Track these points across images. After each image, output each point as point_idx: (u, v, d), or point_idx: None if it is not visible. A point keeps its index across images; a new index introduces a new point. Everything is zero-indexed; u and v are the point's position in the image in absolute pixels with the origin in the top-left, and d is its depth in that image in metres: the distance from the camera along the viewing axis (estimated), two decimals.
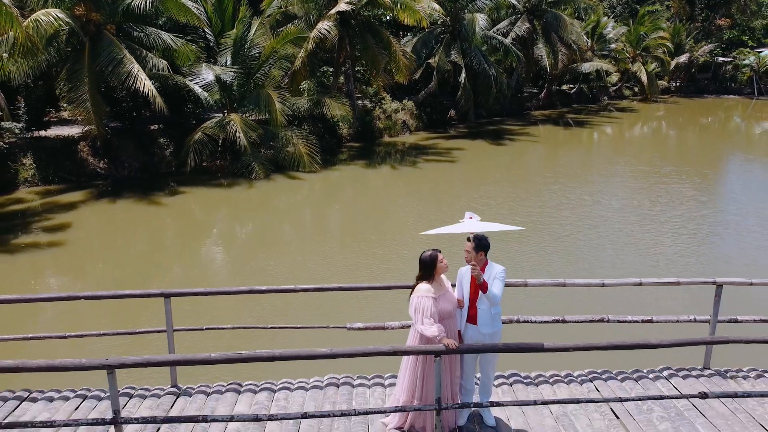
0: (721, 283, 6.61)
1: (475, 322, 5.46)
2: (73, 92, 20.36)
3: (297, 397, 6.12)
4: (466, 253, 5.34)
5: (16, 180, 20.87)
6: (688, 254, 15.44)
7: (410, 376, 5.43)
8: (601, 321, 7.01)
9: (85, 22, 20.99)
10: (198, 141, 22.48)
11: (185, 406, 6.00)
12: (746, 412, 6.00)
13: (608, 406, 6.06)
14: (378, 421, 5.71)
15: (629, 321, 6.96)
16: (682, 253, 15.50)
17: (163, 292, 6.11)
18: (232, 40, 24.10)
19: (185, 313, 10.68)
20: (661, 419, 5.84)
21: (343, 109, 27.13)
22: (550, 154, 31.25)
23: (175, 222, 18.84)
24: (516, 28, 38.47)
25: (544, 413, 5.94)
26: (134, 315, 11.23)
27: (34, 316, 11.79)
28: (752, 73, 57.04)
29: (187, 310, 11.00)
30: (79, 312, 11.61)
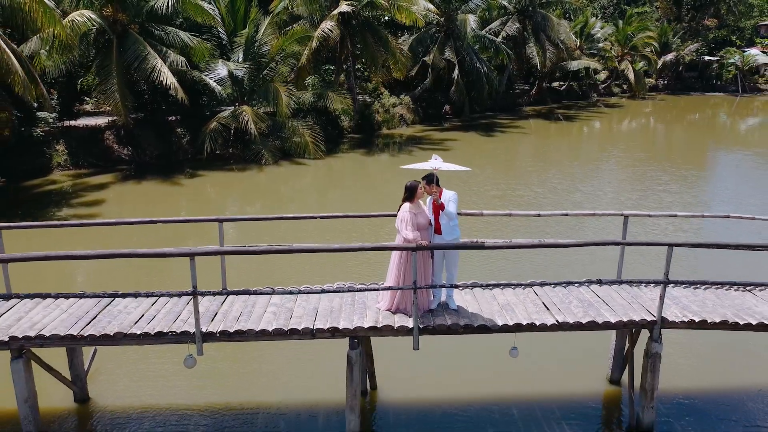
0: (627, 215, 8.93)
1: (439, 233, 7.79)
2: (103, 85, 22.68)
3: (315, 295, 8.44)
4: (425, 188, 7.68)
5: (50, 164, 23.22)
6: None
7: (395, 270, 7.75)
8: (538, 246, 9.32)
9: (113, 21, 23.34)
10: (213, 130, 24.82)
11: (235, 298, 8.33)
12: (639, 302, 8.30)
13: (540, 300, 8.38)
14: (374, 306, 8.03)
15: (562, 245, 9.25)
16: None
17: (218, 218, 8.43)
18: (244, 38, 26.44)
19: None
20: (576, 307, 8.15)
21: (344, 103, 29.51)
22: (537, 144, 33.60)
23: (194, 199, 21.13)
24: (507, 27, 40.83)
25: (493, 303, 8.26)
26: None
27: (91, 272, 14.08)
28: (737, 72, 59.37)
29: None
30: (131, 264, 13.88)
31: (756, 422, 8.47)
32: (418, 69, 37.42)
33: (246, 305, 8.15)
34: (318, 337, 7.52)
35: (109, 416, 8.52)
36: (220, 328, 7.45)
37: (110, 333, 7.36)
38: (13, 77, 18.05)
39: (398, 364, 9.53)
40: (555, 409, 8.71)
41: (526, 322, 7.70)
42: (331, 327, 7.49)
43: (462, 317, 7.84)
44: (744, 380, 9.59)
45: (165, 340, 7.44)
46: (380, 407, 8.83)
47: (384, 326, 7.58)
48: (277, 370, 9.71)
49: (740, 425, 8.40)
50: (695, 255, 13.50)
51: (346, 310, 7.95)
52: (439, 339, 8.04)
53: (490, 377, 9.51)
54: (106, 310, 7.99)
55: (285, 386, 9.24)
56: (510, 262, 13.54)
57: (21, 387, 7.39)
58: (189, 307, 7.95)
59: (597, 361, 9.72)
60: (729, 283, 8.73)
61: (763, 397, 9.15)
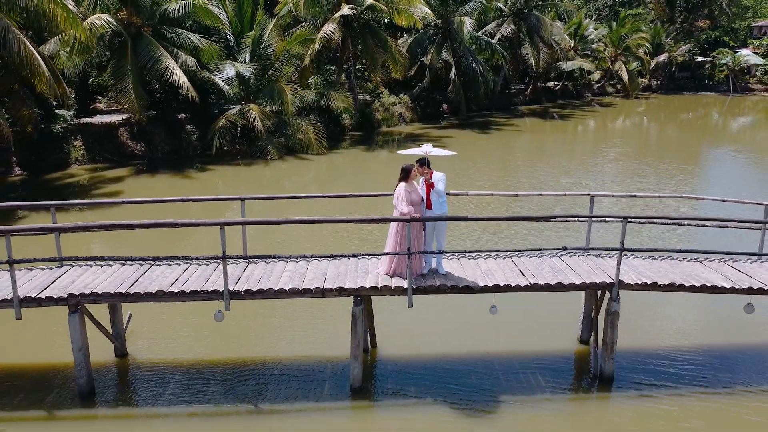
0: (593, 195, 10.32)
1: (430, 208, 9.18)
2: (119, 84, 24.07)
3: (324, 261, 9.84)
4: (418, 170, 9.07)
5: (69, 159, 24.61)
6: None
7: (393, 239, 9.14)
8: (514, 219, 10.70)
9: (127, 24, 24.71)
10: (222, 127, 26.20)
11: (255, 266, 9.71)
12: (601, 269, 9.67)
13: (517, 268, 9.76)
14: (374, 271, 9.41)
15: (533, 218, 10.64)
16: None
17: (240, 196, 9.81)
18: (250, 40, 27.82)
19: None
20: (547, 273, 9.53)
21: (345, 102, 30.91)
22: (530, 141, 35.00)
23: (205, 191, 22.46)
24: (502, 29, 42.24)
25: (476, 270, 9.63)
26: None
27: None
28: (728, 72, 60.77)
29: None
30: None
31: (697, 374, 9.87)
32: (416, 69, 38.82)
33: (265, 270, 9.54)
34: (327, 295, 8.90)
35: (145, 368, 9.91)
36: (244, 288, 8.83)
37: (152, 291, 8.75)
38: (39, 77, 19.46)
39: (395, 325, 10.94)
40: (531, 363, 10.11)
41: (503, 283, 9.09)
42: (338, 287, 8.87)
43: (449, 280, 9.22)
44: (692, 340, 11.02)
45: (198, 297, 8.82)
46: (380, 361, 10.22)
47: (383, 286, 8.97)
48: (292, 326, 11.19)
49: (687, 377, 9.79)
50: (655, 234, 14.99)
51: (350, 274, 9.33)
52: (430, 300, 9.43)
53: (475, 335, 10.93)
54: (146, 274, 9.37)
55: (298, 341, 10.67)
56: (491, 236, 15.15)
57: (76, 337, 8.77)
58: (218, 271, 9.34)
59: (569, 324, 11.11)
60: (677, 251, 10.06)
61: (706, 353, 10.56)
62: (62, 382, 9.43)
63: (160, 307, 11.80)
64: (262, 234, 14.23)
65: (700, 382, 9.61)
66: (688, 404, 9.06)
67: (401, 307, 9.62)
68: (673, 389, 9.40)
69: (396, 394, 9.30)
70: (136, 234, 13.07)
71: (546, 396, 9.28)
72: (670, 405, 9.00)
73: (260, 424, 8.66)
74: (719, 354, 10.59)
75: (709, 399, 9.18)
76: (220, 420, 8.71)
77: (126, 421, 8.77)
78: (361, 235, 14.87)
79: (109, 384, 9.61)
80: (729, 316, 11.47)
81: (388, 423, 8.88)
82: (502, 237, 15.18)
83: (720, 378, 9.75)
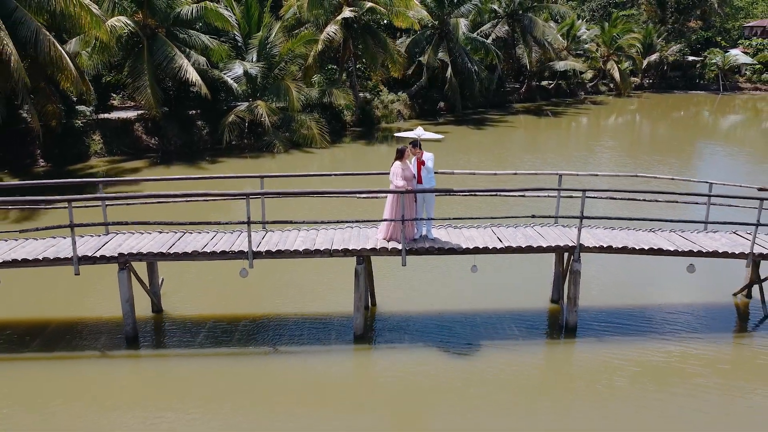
0: (561, 174, 12.05)
1: (420, 182, 10.91)
2: (136, 82, 25.79)
3: (331, 230, 11.57)
4: (411, 150, 10.80)
5: (88, 152, 26.33)
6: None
7: (389, 208, 10.86)
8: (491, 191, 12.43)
9: (143, 26, 26.44)
10: (231, 122, 27.93)
11: (273, 233, 11.44)
12: (567, 236, 11.39)
13: (495, 235, 11.48)
14: (374, 237, 11.14)
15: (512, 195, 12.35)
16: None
17: (260, 174, 11.54)
18: (258, 41, 29.56)
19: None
20: (520, 239, 11.25)
21: (347, 99, 32.67)
22: (522, 136, 36.75)
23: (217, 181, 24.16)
24: (496, 30, 44.01)
25: (460, 237, 11.36)
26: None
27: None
28: (718, 71, 62.51)
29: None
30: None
31: (649, 324, 11.62)
32: (414, 68, 40.56)
33: (281, 237, 11.28)
34: (334, 255, 10.63)
35: (178, 321, 11.64)
36: (265, 249, 10.57)
37: (188, 251, 10.48)
38: (66, 74, 21.19)
39: (391, 288, 12.68)
40: (508, 317, 11.85)
41: (482, 246, 10.82)
42: (344, 248, 10.61)
43: (437, 243, 10.96)
44: (646, 297, 12.80)
45: (226, 257, 10.55)
46: (378, 316, 11.96)
47: (381, 248, 10.71)
48: (304, 286, 13.02)
49: (640, 327, 11.53)
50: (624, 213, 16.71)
51: (354, 239, 11.07)
52: (421, 262, 11.14)
53: (459, 294, 12.68)
54: (181, 239, 11.10)
55: (309, 298, 12.46)
56: (474, 209, 16.91)
57: (124, 291, 10.50)
58: (242, 237, 11.07)
59: (542, 288, 12.83)
60: (628, 219, 11.77)
61: (657, 307, 12.31)
62: (111, 330, 11.16)
63: (189, 271, 13.59)
64: (278, 207, 15.90)
65: (652, 331, 11.36)
66: (639, 347, 10.77)
67: (397, 270, 11.38)
68: (628, 336, 11.14)
69: (392, 340, 11.04)
70: (169, 207, 14.69)
71: (519, 343, 10.99)
72: (623, 349, 10.71)
73: (277, 361, 10.39)
74: (667, 308, 12.34)
75: (659, 343, 10.90)
76: (243, 358, 10.43)
77: (165, 359, 10.50)
78: (362, 207, 16.56)
79: (149, 332, 11.35)
80: (676, 276, 13.17)
81: (384, 362, 10.60)
82: (482, 210, 16.81)
83: (668, 327, 11.50)
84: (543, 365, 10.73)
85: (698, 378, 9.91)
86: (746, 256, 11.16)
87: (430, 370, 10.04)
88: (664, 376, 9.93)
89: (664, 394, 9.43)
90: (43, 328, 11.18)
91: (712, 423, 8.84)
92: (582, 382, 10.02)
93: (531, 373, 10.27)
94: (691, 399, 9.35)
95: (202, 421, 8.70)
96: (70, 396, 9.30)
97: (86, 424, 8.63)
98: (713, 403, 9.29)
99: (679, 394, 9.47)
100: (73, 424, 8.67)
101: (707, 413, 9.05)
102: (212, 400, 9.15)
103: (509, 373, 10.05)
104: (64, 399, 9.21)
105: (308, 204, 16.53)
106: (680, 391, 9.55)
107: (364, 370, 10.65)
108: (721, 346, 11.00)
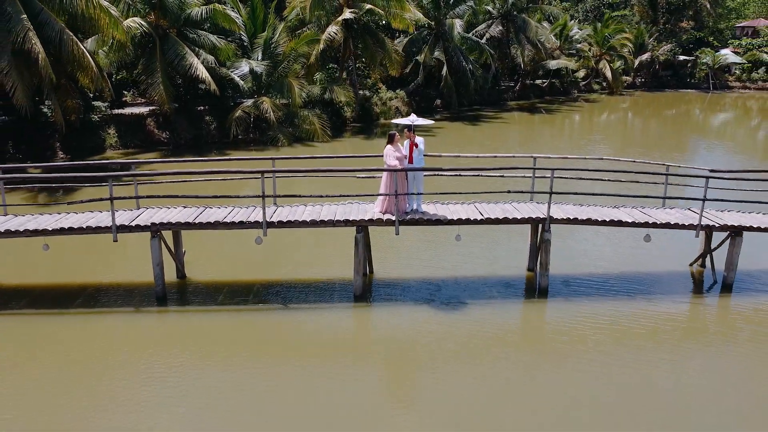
0: (536, 156, 13.74)
1: (411, 162, 12.60)
2: (150, 79, 27.49)
3: (334, 205, 13.27)
4: (406, 134, 12.48)
5: (104, 144, 28.02)
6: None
7: (384, 185, 12.55)
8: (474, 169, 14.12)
9: (155, 26, 28.12)
10: (238, 117, 29.62)
11: (283, 208, 13.13)
12: (540, 210, 13.07)
13: (477, 210, 13.16)
14: (371, 210, 12.83)
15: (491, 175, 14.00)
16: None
17: (273, 156, 13.21)
18: (263, 40, 31.26)
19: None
20: (499, 213, 12.94)
21: (347, 96, 34.38)
22: (515, 131, 38.43)
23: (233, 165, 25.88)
24: (491, 30, 45.71)
25: (446, 210, 13.04)
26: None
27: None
28: (708, 70, 64.24)
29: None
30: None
31: (616, 290, 13.30)
32: (411, 67, 42.27)
33: (291, 210, 12.98)
34: (337, 225, 12.32)
35: (200, 285, 13.32)
36: (277, 220, 12.26)
37: (211, 221, 12.17)
38: (87, 72, 22.88)
39: (386, 257, 14.35)
40: (489, 282, 13.53)
41: (465, 217, 12.51)
42: (345, 219, 12.30)
43: (426, 216, 12.65)
44: (609, 264, 14.49)
45: (244, 226, 12.23)
46: (376, 280, 13.63)
47: (377, 219, 12.40)
48: (310, 254, 14.79)
49: (608, 292, 13.22)
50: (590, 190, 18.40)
51: (354, 212, 12.76)
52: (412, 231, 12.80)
53: (447, 260, 14.37)
54: (204, 212, 12.79)
55: (315, 265, 14.19)
56: (458, 188, 17.92)
57: (156, 255, 12.19)
58: (257, 211, 12.74)
59: (520, 259, 14.51)
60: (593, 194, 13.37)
61: (619, 273, 14.00)
62: (142, 292, 12.84)
63: (208, 244, 15.29)
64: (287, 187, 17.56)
65: (617, 293, 13.03)
66: (605, 308, 12.40)
67: (391, 241, 13.06)
68: (595, 298, 12.82)
69: (387, 299, 12.72)
70: (192, 186, 16.19)
71: (497, 302, 12.67)
72: (590, 309, 12.36)
73: (287, 317, 12.05)
74: (630, 275, 14.02)
75: (623, 304, 12.55)
76: (258, 313, 12.12)
77: (191, 314, 12.19)
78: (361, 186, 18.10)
79: (176, 294, 13.03)
80: (641, 250, 14.86)
81: (381, 317, 12.27)
82: (466, 188, 17.94)
83: (630, 290, 13.19)
84: (517, 321, 12.41)
85: (656, 334, 11.55)
86: (695, 228, 12.84)
87: (419, 325, 11.69)
88: (624, 331, 11.55)
89: (622, 345, 11.06)
90: (84, 289, 12.88)
91: (669, 369, 10.44)
92: (550, 336, 11.70)
93: (506, 327, 11.93)
94: (642, 349, 10.98)
95: (224, 363, 10.29)
96: (112, 341, 10.98)
97: (125, 362, 10.30)
98: (668, 353, 10.89)
99: (634, 346, 11.05)
100: (114, 360, 10.33)
101: (663, 359, 10.66)
102: (231, 347, 10.79)
103: (487, 326, 11.68)
104: (108, 343, 10.89)
105: (313, 183, 18.21)
106: (636, 342, 11.18)
107: (362, 324, 12.32)
108: (677, 306, 12.64)
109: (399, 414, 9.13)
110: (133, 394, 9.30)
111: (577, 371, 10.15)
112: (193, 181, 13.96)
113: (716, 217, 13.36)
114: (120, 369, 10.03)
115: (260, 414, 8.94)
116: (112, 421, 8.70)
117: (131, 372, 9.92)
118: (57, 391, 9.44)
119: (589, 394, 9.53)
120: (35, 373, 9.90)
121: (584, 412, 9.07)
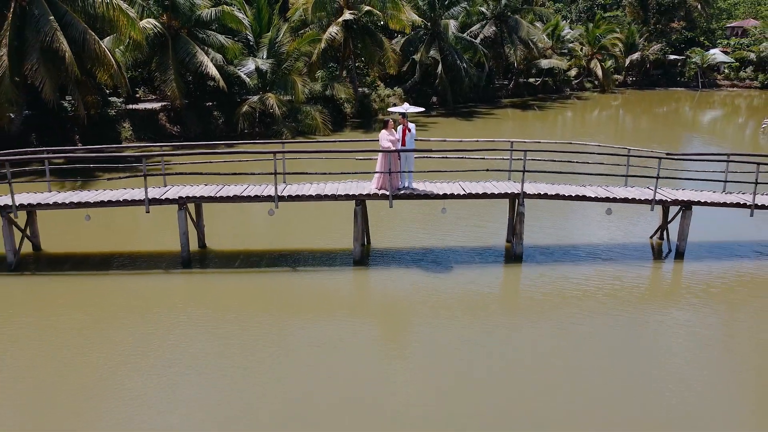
0: (513, 141, 15.66)
1: (404, 145, 14.54)
2: (163, 76, 29.41)
3: (337, 183, 15.20)
4: (400, 120, 14.42)
5: (120, 138, 29.91)
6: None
7: (379, 164, 14.47)
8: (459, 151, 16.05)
9: (168, 26, 30.04)
10: (245, 112, 31.55)
11: (291, 186, 15.06)
12: (516, 187, 14.99)
13: (462, 188, 15.07)
14: (368, 187, 14.76)
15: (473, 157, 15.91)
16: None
17: (281, 140, 15.14)
18: (267, 40, 33.17)
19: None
20: (479, 189, 14.85)
21: (347, 93, 36.32)
22: (507, 126, 40.36)
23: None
24: (485, 30, 47.66)
25: (434, 188, 14.96)
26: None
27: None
28: (698, 69, 66.20)
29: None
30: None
31: (583, 258, 15.22)
32: (408, 65, 44.26)
33: (299, 186, 14.93)
34: (338, 199, 14.26)
35: (219, 253, 15.25)
36: (287, 194, 14.19)
37: (230, 195, 14.11)
38: (107, 69, 24.78)
39: (381, 228, 16.28)
40: (471, 251, 15.45)
41: (449, 193, 14.45)
42: (346, 194, 14.23)
43: (416, 191, 14.59)
44: (577, 235, 16.41)
45: (258, 199, 14.18)
46: (373, 249, 15.55)
47: (374, 194, 14.34)
48: (315, 227, 16.70)
49: (575, 260, 15.14)
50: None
51: (353, 188, 14.70)
52: (404, 205, 14.70)
53: (435, 231, 16.31)
54: (223, 189, 14.72)
55: (320, 236, 16.13)
56: (445, 167, 19.74)
57: (182, 225, 14.11)
58: (269, 187, 14.65)
59: (499, 233, 16.43)
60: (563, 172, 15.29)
61: (586, 242, 15.92)
62: (168, 259, 14.76)
63: (224, 219, 17.20)
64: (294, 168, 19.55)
65: (584, 261, 14.95)
66: (572, 272, 14.30)
67: (386, 216, 14.94)
68: (563, 263, 14.75)
69: (384, 265, 14.64)
70: (210, 167, 18.12)
71: (478, 266, 14.59)
72: (558, 272, 14.30)
73: (295, 278, 13.96)
74: (596, 246, 15.95)
75: (589, 269, 14.45)
76: (269, 274, 14.06)
77: (210, 275, 14.13)
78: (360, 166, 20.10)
79: (198, 260, 14.95)
80: (607, 225, 16.80)
81: (378, 279, 14.19)
82: (452, 167, 19.94)
83: (595, 258, 15.12)
84: (495, 282, 14.32)
85: (617, 292, 13.47)
86: (650, 202, 14.77)
87: (411, 285, 13.59)
88: (588, 291, 13.39)
89: (585, 303, 12.98)
90: (120, 255, 14.83)
91: (627, 322, 12.36)
92: (523, 294, 13.63)
93: (486, 286, 13.82)
94: (604, 305, 12.91)
95: (239, 317, 12.13)
96: (146, 297, 12.90)
97: (158, 313, 12.21)
98: (627, 315, 12.80)
99: (597, 302, 13.00)
100: (149, 311, 12.24)
101: (622, 315, 12.60)
102: (245, 304, 12.66)
103: (470, 286, 13.55)
104: (141, 299, 12.79)
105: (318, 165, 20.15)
106: (599, 299, 13.11)
107: (360, 285, 14.23)
108: (636, 270, 14.50)
109: (393, 360, 10.96)
110: (163, 339, 11.09)
111: (544, 323, 12.06)
112: (213, 163, 15.91)
113: (670, 194, 15.29)
114: (153, 318, 11.92)
115: (270, 361, 10.44)
116: (149, 357, 10.62)
117: (162, 322, 11.78)
118: (101, 336, 11.36)
119: (550, 343, 11.46)
120: (87, 320, 11.82)
121: (545, 353, 11.01)
